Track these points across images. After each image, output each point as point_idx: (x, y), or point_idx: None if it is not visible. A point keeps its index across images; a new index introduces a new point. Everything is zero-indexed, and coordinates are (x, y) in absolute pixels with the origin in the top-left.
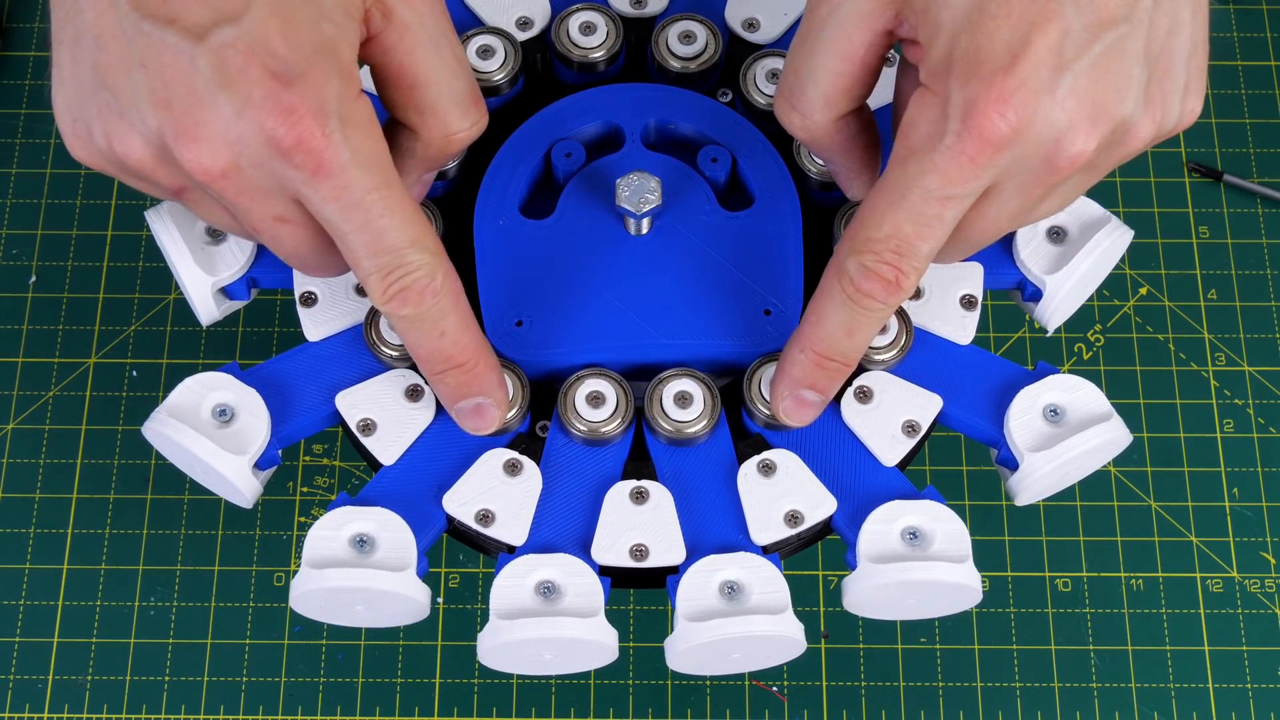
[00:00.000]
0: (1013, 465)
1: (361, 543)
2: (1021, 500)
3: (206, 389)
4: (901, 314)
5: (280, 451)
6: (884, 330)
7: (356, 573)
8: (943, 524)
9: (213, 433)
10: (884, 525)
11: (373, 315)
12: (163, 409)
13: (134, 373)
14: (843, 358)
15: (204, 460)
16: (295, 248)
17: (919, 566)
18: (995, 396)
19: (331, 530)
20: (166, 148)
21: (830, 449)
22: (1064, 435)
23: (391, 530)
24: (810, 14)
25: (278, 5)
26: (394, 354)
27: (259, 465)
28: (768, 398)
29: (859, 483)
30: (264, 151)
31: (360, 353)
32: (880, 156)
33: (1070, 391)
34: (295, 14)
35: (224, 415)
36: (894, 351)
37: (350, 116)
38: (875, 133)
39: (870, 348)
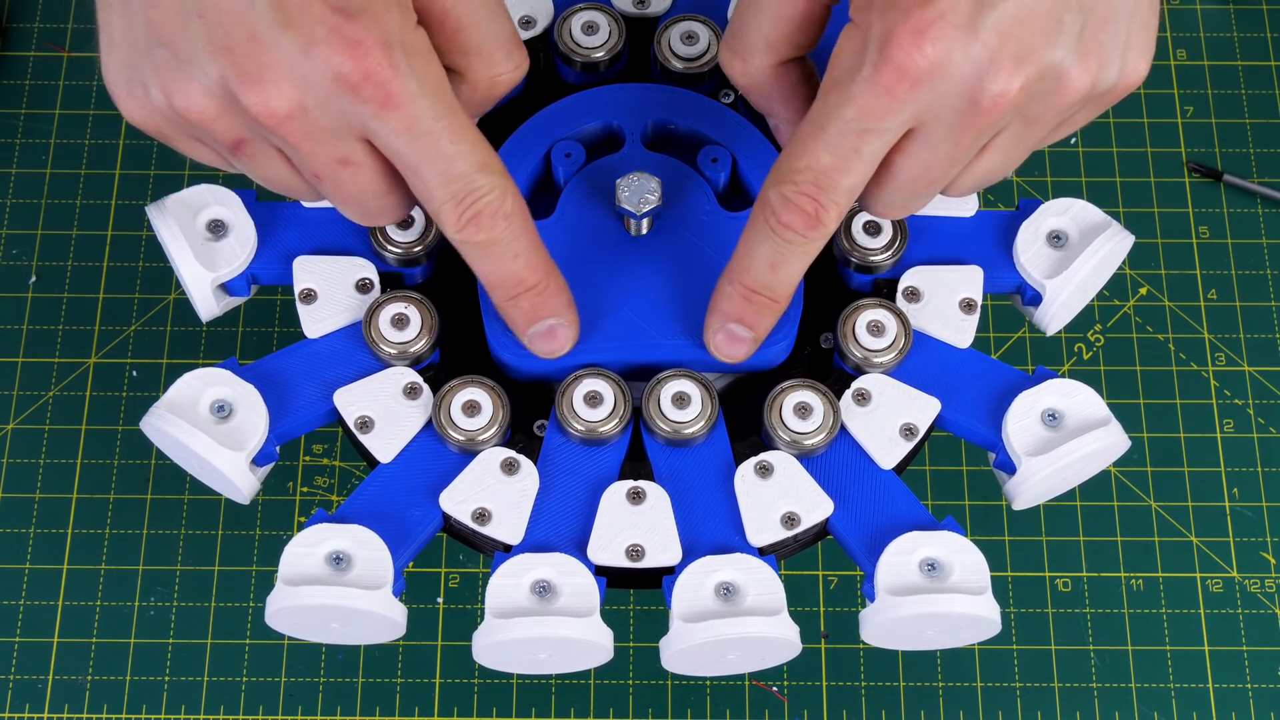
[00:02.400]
0: (1010, 469)
1: (338, 560)
2: (1019, 504)
3: (205, 384)
4: (900, 317)
5: (279, 450)
6: (882, 332)
7: (331, 590)
8: (961, 555)
9: (210, 428)
10: (902, 557)
11: (372, 313)
12: (161, 404)
13: (134, 373)
14: (769, 292)
15: (201, 456)
16: (357, 191)
17: (938, 599)
18: (993, 400)
19: (307, 547)
20: (230, 95)
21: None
22: (1062, 440)
23: (368, 548)
24: None
25: None
26: (393, 352)
27: (256, 461)
28: (786, 421)
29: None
30: (330, 89)
31: (359, 350)
32: None
33: (1068, 396)
34: None
35: (222, 411)
36: (893, 354)
37: (412, 46)
38: (816, 87)
39: (869, 350)
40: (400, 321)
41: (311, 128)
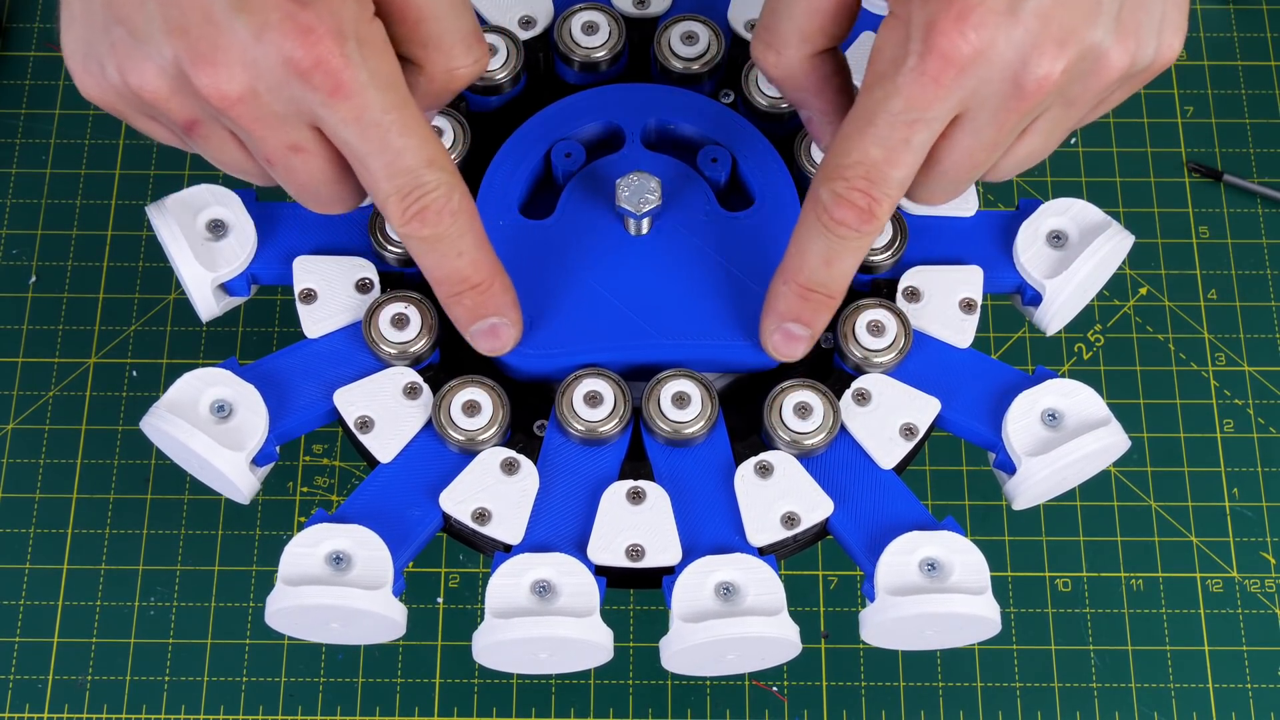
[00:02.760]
0: (1010, 469)
1: (338, 560)
2: (1019, 504)
3: (205, 384)
4: (900, 317)
5: (279, 450)
6: (882, 332)
7: (331, 590)
8: (961, 555)
9: (210, 428)
10: (902, 557)
11: (372, 313)
12: (161, 404)
13: (134, 373)
14: (824, 289)
15: (201, 456)
16: (309, 179)
17: (938, 599)
18: (993, 400)
19: (307, 547)
20: (182, 76)
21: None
22: (1062, 440)
23: (368, 548)
24: None
25: None
26: (393, 351)
27: (256, 461)
28: (786, 421)
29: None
30: (281, 74)
31: (359, 350)
32: (852, 104)
33: (1069, 396)
34: None
35: (222, 411)
36: (893, 354)
37: (366, 38)
38: (849, 77)
39: (869, 350)
40: (400, 321)
41: (262, 112)
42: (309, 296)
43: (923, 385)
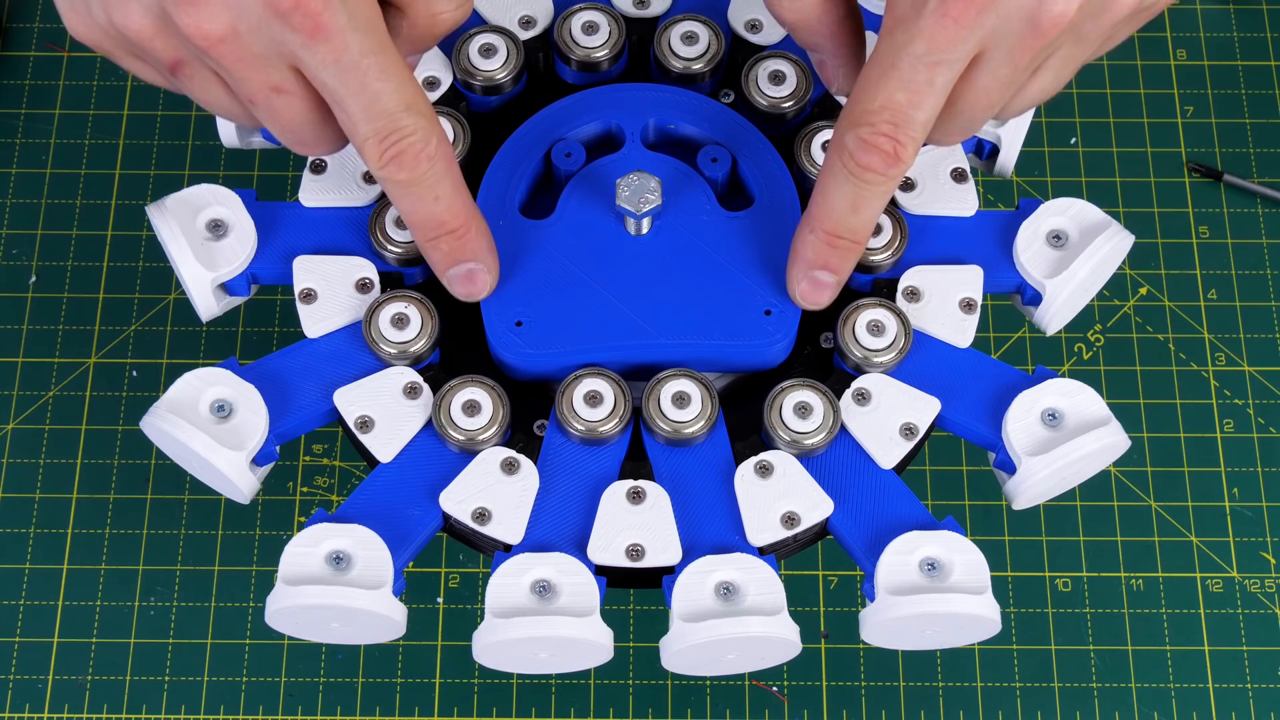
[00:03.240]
0: (1010, 469)
1: (338, 560)
2: (1019, 504)
3: (205, 384)
4: (900, 317)
5: (279, 449)
6: (882, 332)
7: (331, 590)
8: (961, 555)
9: (211, 428)
10: (902, 556)
11: (372, 313)
12: (161, 404)
13: (134, 373)
14: (851, 234)
15: (201, 455)
16: (291, 120)
17: (938, 599)
18: (993, 400)
19: (307, 547)
20: (166, 15)
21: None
22: (1062, 439)
23: (368, 548)
24: None
25: None
26: (393, 351)
27: (256, 461)
28: (786, 421)
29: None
30: (262, 13)
31: (359, 350)
32: (865, 47)
33: (1069, 396)
34: None
35: (222, 411)
36: (893, 354)
37: None
38: (860, 21)
39: (869, 349)
40: (400, 321)
41: (244, 52)
42: (309, 296)
43: (923, 385)
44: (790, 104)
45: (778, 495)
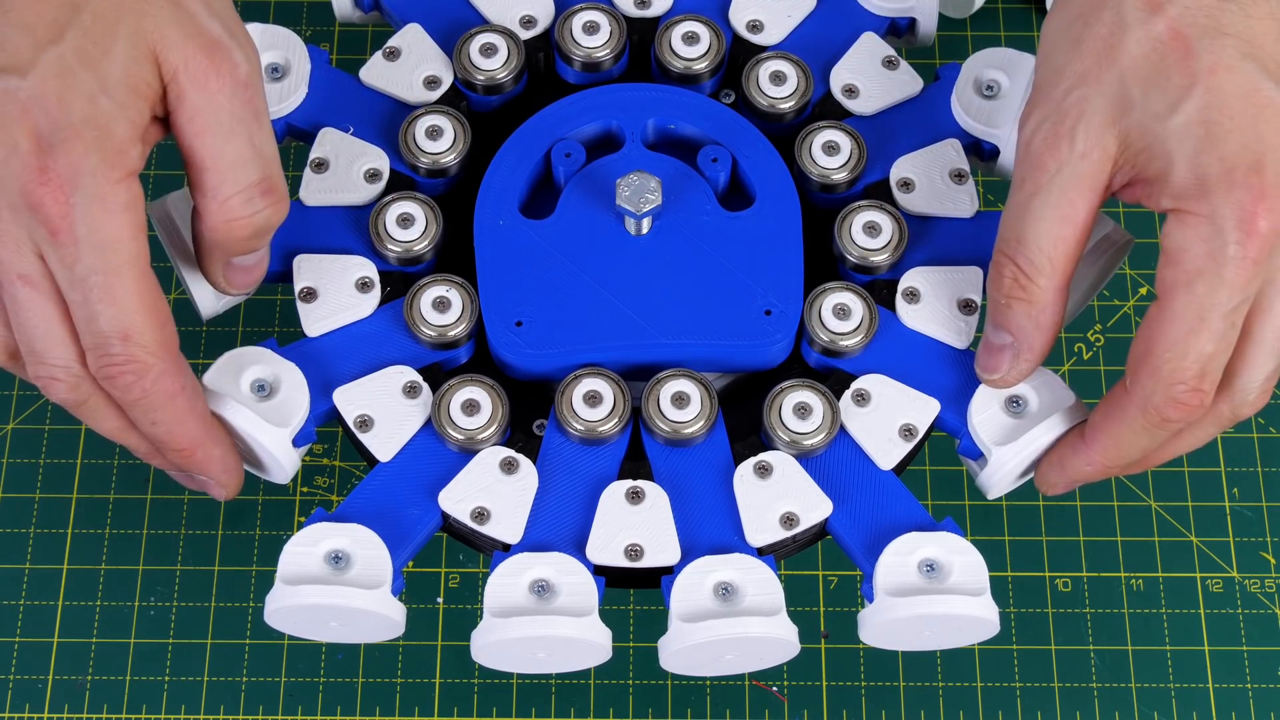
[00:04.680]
0: (975, 454)
1: (336, 559)
2: (993, 494)
3: (245, 363)
4: (867, 300)
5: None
6: (848, 315)
7: (330, 590)
8: (960, 556)
9: (254, 405)
10: (901, 557)
11: (414, 296)
12: (203, 382)
13: None
14: (1128, 468)
15: (246, 432)
16: (29, 316)
17: (936, 600)
18: None
19: (307, 546)
20: None
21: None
22: (1028, 426)
23: (367, 547)
24: (1021, 187)
25: (61, 69)
26: (433, 334)
27: (295, 442)
28: (786, 421)
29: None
30: (18, 199)
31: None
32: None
33: (1030, 381)
34: (75, 82)
35: (263, 390)
36: (859, 337)
37: (101, 195)
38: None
39: (835, 333)
40: (442, 305)
41: (4, 227)
42: (309, 295)
43: (922, 386)
44: (790, 104)
45: (777, 496)
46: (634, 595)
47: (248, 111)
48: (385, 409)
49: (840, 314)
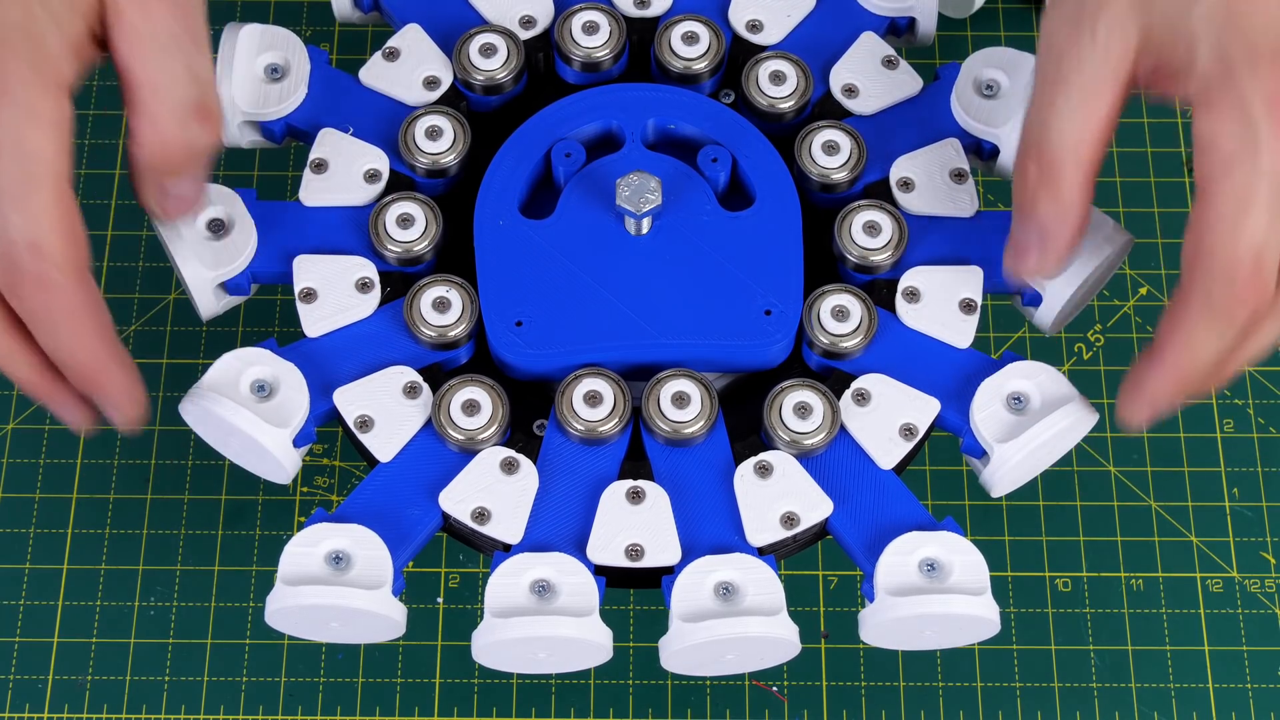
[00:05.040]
0: (978, 453)
1: (337, 559)
2: (997, 491)
3: (245, 364)
4: (865, 302)
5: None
6: (846, 317)
7: (331, 590)
8: (960, 555)
9: (254, 406)
10: (902, 557)
11: (414, 295)
12: (202, 384)
13: None
14: (1207, 381)
15: (246, 433)
16: None
17: (937, 600)
18: None
19: (307, 547)
20: None
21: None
22: (1030, 422)
23: (367, 548)
24: (1043, 84)
25: None
26: (433, 335)
27: (295, 442)
28: (786, 421)
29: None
30: None
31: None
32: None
33: (1031, 377)
34: None
35: (263, 390)
36: (859, 339)
37: (24, 103)
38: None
39: (835, 335)
40: (442, 305)
41: None
42: (309, 295)
43: (922, 385)
44: (790, 104)
45: (777, 495)
46: (634, 595)
47: (185, 34)
48: (385, 409)
49: (839, 316)
